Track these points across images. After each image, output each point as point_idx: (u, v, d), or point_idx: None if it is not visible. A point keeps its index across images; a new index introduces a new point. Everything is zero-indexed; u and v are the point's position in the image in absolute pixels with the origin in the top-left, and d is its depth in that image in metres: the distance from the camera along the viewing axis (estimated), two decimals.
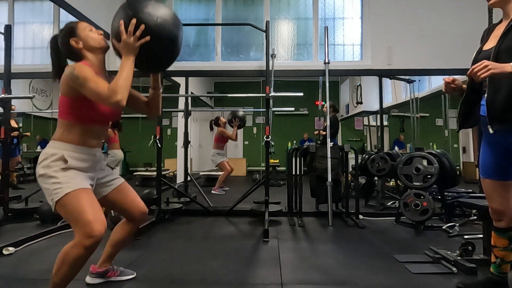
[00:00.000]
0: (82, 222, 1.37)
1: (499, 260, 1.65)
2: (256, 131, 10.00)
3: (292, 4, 4.25)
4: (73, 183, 1.42)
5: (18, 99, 4.35)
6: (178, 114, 6.36)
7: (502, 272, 1.66)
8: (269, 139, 3.36)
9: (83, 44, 1.55)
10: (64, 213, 1.43)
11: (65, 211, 1.42)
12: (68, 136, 1.49)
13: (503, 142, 1.54)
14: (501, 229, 1.63)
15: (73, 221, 1.40)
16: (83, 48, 1.55)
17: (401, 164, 3.16)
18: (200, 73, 4.64)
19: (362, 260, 2.24)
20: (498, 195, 1.60)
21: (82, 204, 1.40)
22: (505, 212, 1.59)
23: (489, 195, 1.64)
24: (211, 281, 1.89)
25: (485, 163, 1.64)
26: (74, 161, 1.47)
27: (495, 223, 1.65)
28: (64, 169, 1.44)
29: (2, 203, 3.17)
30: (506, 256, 1.63)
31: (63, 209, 1.41)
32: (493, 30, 1.63)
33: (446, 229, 2.95)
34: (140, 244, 2.57)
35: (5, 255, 2.27)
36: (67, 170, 1.44)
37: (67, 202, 1.40)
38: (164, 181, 3.66)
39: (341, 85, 9.17)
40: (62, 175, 1.43)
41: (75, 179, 1.44)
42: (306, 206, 3.60)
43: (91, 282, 1.81)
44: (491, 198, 1.63)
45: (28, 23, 4.46)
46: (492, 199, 1.63)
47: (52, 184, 1.41)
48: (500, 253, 1.64)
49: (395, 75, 5.11)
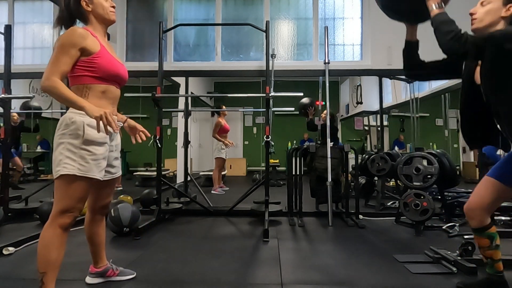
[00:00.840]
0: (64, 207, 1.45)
1: (489, 260, 1.67)
2: (256, 131, 10.00)
3: (292, 4, 4.25)
4: (85, 167, 1.46)
5: (18, 99, 4.35)
6: (178, 114, 6.36)
7: (497, 271, 1.66)
8: (269, 139, 3.35)
9: (92, 8, 1.58)
10: (59, 189, 1.47)
11: (61, 188, 1.46)
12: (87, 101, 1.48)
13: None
14: (477, 229, 1.64)
15: (59, 200, 1.46)
16: (91, 12, 1.58)
17: (401, 164, 3.16)
18: (200, 73, 4.65)
19: (362, 260, 2.24)
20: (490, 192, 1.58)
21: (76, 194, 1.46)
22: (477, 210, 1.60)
23: (480, 191, 1.62)
24: (211, 281, 1.89)
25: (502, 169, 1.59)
26: (93, 131, 1.47)
27: (470, 223, 1.66)
28: (85, 142, 1.46)
29: (2, 203, 3.17)
30: (494, 254, 1.64)
31: (61, 185, 1.46)
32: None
33: (446, 229, 2.95)
34: (140, 244, 2.57)
35: (5, 255, 2.27)
36: (87, 145, 1.47)
37: (68, 183, 1.44)
38: (164, 181, 3.65)
39: (341, 85, 9.17)
40: (80, 152, 1.46)
41: (88, 164, 1.47)
42: (306, 206, 3.60)
43: (91, 282, 1.81)
44: (479, 194, 1.61)
45: (28, 23, 4.47)
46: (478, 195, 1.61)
47: (65, 158, 1.44)
48: (488, 252, 1.65)
49: (395, 75, 5.10)
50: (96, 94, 1.53)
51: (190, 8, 4.41)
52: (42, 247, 1.45)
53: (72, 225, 1.49)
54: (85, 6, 1.56)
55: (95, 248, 1.79)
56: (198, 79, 7.95)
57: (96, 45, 1.53)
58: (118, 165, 1.73)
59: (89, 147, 1.48)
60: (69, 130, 1.46)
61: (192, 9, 4.41)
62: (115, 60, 1.61)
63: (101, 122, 1.36)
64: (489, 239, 1.62)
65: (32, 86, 5.57)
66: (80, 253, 2.28)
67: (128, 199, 3.82)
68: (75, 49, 1.46)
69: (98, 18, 1.60)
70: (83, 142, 1.46)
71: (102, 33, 1.64)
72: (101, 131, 1.43)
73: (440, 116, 6.75)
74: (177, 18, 4.27)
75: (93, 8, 1.57)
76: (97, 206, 1.73)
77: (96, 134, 1.48)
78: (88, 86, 1.52)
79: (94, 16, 1.59)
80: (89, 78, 1.52)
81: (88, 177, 1.47)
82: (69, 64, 1.46)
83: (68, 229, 1.49)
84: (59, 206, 1.46)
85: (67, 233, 1.49)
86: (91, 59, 1.50)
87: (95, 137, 1.49)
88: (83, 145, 1.46)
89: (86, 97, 1.50)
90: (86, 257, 1.90)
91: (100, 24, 1.62)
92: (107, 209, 1.79)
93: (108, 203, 1.78)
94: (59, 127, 1.48)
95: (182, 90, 4.71)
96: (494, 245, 1.63)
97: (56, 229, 1.44)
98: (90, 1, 1.57)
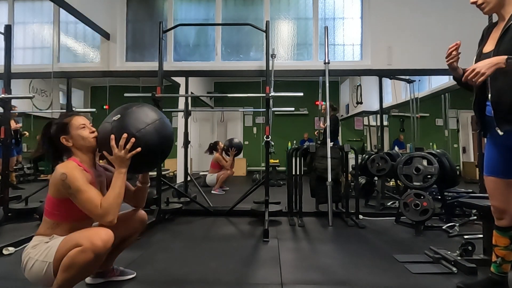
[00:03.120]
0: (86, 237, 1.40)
1: (500, 260, 1.65)
2: (256, 131, 9.99)
3: (292, 4, 4.25)
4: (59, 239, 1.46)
5: (18, 99, 4.35)
6: (178, 114, 6.35)
7: (502, 272, 1.66)
8: (269, 139, 3.35)
9: (73, 142, 1.57)
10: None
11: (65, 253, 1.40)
12: (53, 232, 1.51)
13: (509, 142, 1.54)
14: (502, 228, 1.63)
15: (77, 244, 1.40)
16: (73, 146, 1.58)
17: (401, 164, 3.16)
18: (200, 73, 4.64)
19: (362, 260, 2.24)
20: (500, 193, 1.60)
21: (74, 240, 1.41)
22: (507, 211, 1.60)
23: (491, 193, 1.64)
24: (211, 281, 1.89)
25: (490, 161, 1.64)
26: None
27: (496, 221, 1.65)
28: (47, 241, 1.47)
29: (2, 203, 3.17)
30: (507, 255, 1.64)
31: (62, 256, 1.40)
32: (492, 30, 1.63)
33: (446, 229, 2.95)
34: (140, 244, 2.57)
35: (5, 255, 2.27)
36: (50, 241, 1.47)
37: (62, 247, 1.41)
38: (164, 181, 3.66)
39: (341, 85, 9.16)
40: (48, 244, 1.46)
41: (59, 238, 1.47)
42: (306, 206, 3.60)
43: (92, 282, 1.80)
44: (493, 196, 1.64)
45: (28, 23, 4.47)
46: (494, 197, 1.63)
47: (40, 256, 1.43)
48: (501, 252, 1.64)
49: (395, 75, 5.11)
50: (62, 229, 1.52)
51: (190, 8, 4.41)
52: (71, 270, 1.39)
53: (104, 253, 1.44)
54: (65, 142, 1.57)
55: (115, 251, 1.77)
56: (198, 79, 7.95)
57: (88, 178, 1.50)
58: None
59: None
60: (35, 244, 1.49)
61: (192, 9, 4.41)
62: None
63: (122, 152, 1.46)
64: (510, 239, 1.62)
65: (32, 86, 5.56)
66: None
67: None
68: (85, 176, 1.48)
69: (81, 148, 1.58)
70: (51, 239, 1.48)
71: (90, 160, 1.62)
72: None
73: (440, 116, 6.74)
74: (177, 18, 4.27)
75: (73, 142, 1.57)
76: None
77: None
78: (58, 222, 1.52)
79: (76, 148, 1.58)
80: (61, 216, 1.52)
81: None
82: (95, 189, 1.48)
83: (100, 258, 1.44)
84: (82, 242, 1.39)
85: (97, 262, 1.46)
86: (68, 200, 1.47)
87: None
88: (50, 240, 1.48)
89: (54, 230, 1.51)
90: None
91: (87, 153, 1.60)
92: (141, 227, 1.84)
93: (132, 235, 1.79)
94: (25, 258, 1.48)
95: (182, 90, 4.71)
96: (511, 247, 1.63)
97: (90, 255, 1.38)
98: (69, 136, 1.57)
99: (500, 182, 1.60)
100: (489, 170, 1.65)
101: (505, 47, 1.47)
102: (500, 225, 1.63)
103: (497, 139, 1.58)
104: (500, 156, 1.60)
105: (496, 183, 1.61)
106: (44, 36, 4.42)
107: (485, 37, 1.66)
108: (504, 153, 1.58)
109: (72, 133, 1.57)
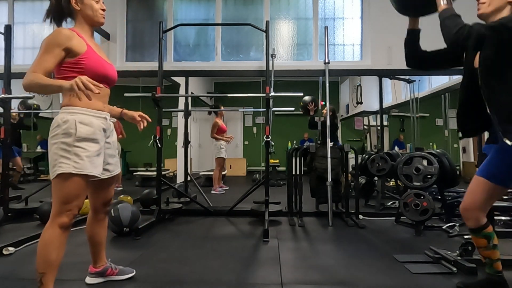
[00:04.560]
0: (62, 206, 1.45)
1: (487, 260, 1.67)
2: (256, 131, 9.99)
3: (292, 4, 4.25)
4: (80, 164, 1.46)
5: (18, 99, 4.35)
6: (178, 114, 6.36)
7: (496, 271, 1.66)
8: (269, 139, 3.35)
9: (81, 8, 1.57)
10: (56, 188, 1.47)
11: (58, 188, 1.46)
12: (76, 100, 1.48)
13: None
14: (474, 230, 1.64)
15: (57, 200, 1.46)
16: (80, 12, 1.57)
17: (401, 164, 3.16)
18: (200, 73, 4.65)
19: (362, 260, 2.24)
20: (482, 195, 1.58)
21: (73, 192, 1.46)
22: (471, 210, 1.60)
23: (472, 191, 1.62)
24: (211, 281, 1.89)
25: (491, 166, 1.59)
26: (85, 128, 1.48)
27: (466, 223, 1.66)
28: (77, 140, 1.46)
29: (2, 203, 3.17)
30: (492, 254, 1.65)
31: (58, 184, 1.46)
32: None
33: (446, 229, 2.95)
34: (140, 244, 2.57)
35: (5, 255, 2.27)
36: (79, 142, 1.47)
37: (64, 182, 1.45)
38: (164, 181, 3.65)
39: (341, 85, 9.17)
40: (74, 149, 1.46)
41: (83, 161, 1.47)
42: (306, 206, 3.60)
43: (91, 282, 1.81)
44: (471, 194, 1.62)
45: (28, 23, 4.47)
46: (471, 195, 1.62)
47: (60, 157, 1.45)
48: (485, 252, 1.66)
49: (395, 75, 5.11)
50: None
51: (190, 8, 4.41)
52: (41, 247, 1.45)
53: (71, 224, 1.50)
54: (74, 4, 1.56)
55: (95, 248, 1.79)
56: (198, 79, 7.96)
57: (83, 46, 1.52)
58: (114, 162, 1.72)
59: (82, 143, 1.48)
60: (62, 130, 1.46)
61: (192, 9, 4.41)
62: (103, 61, 1.61)
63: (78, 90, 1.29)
64: (486, 239, 1.63)
65: None
66: (80, 253, 2.28)
67: (128, 199, 3.82)
68: (59, 49, 1.46)
69: (86, 18, 1.59)
70: (75, 139, 1.46)
71: (89, 34, 1.63)
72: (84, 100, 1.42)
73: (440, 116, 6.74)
74: (177, 18, 4.27)
75: (82, 8, 1.57)
76: (99, 204, 1.73)
77: (88, 130, 1.49)
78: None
79: (82, 16, 1.59)
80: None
81: (84, 174, 1.47)
82: (52, 63, 1.45)
83: (68, 229, 1.49)
84: (58, 206, 1.46)
85: (67, 233, 1.49)
86: (77, 60, 1.50)
87: (88, 133, 1.50)
88: (76, 143, 1.46)
89: (75, 96, 1.47)
90: (86, 257, 1.90)
91: (88, 25, 1.61)
92: (108, 206, 1.79)
93: (109, 200, 1.77)
94: (52, 128, 1.49)
95: (182, 90, 4.71)
96: (492, 245, 1.63)
97: (56, 229, 1.44)
98: (81, 0, 1.56)
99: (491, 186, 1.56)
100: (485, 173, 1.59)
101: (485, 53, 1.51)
102: (470, 227, 1.65)
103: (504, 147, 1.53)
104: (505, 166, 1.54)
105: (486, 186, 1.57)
106: (44, 36, 4.42)
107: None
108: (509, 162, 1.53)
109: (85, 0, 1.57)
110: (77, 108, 1.51)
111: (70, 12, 1.58)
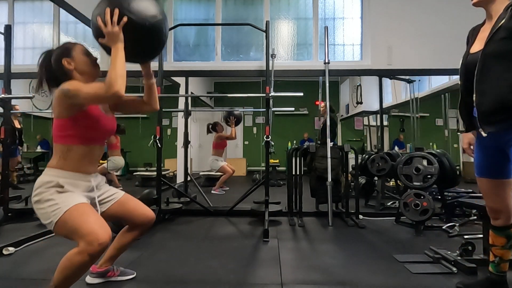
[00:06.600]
0: (85, 231, 1.34)
1: (497, 259, 1.66)
2: (256, 131, 9.99)
3: (292, 4, 4.26)
4: (70, 201, 1.41)
5: (18, 99, 4.35)
6: (178, 114, 6.35)
7: (501, 271, 1.66)
8: (269, 139, 3.35)
9: (75, 65, 1.52)
10: (65, 230, 1.39)
11: (66, 228, 1.39)
12: (65, 163, 1.47)
13: (494, 143, 1.55)
14: (498, 228, 1.63)
15: (76, 233, 1.36)
16: (74, 70, 1.53)
17: (401, 164, 3.16)
18: (200, 73, 4.65)
19: (362, 260, 2.24)
20: (494, 193, 1.60)
21: (83, 215, 1.39)
22: (502, 210, 1.60)
23: (485, 193, 1.65)
24: (211, 281, 1.89)
25: (479, 163, 1.65)
26: (70, 187, 1.45)
27: (492, 221, 1.66)
28: (60, 192, 1.43)
29: (2, 203, 3.17)
30: (505, 254, 1.64)
31: (64, 226, 1.39)
32: (478, 31, 1.63)
33: (446, 229, 2.95)
34: (140, 244, 2.57)
35: (5, 255, 2.27)
36: (63, 193, 1.43)
37: (67, 218, 1.38)
38: (164, 181, 3.66)
39: (341, 85, 9.17)
40: (58, 197, 1.41)
41: (71, 197, 1.43)
42: (306, 206, 3.60)
43: (91, 282, 1.81)
44: (487, 197, 1.64)
45: (28, 23, 4.47)
46: (488, 197, 1.64)
47: (49, 207, 1.40)
48: (499, 251, 1.65)
49: (395, 75, 5.11)
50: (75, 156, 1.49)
51: (190, 8, 4.41)
52: (65, 269, 1.36)
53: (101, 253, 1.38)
54: (66, 65, 1.51)
55: (114, 252, 1.78)
56: (198, 79, 7.95)
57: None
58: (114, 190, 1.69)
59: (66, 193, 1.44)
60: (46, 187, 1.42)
61: (192, 9, 4.41)
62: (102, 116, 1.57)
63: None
64: (506, 238, 1.62)
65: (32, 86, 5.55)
66: None
67: None
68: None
69: (83, 74, 1.54)
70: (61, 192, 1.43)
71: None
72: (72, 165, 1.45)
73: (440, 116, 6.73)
74: (177, 18, 4.27)
75: (75, 66, 1.52)
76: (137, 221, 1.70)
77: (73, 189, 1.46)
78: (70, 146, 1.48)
79: (78, 73, 1.53)
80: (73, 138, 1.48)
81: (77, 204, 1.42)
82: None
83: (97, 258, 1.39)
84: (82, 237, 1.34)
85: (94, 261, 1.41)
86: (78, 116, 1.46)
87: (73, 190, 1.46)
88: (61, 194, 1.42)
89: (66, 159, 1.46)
90: None
91: (87, 80, 1.54)
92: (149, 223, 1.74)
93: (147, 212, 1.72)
94: (36, 188, 1.44)
95: (182, 90, 4.71)
96: (509, 245, 1.62)
97: (86, 257, 1.34)
98: (71, 59, 1.52)
99: (491, 183, 1.60)
100: (480, 172, 1.65)
101: (493, 48, 1.46)
102: (496, 225, 1.64)
103: (483, 140, 1.58)
104: (488, 157, 1.60)
105: (488, 184, 1.61)
106: (44, 36, 4.42)
107: (471, 39, 1.65)
108: (491, 154, 1.58)
109: (75, 56, 1.52)
110: (64, 172, 1.46)
111: (64, 74, 1.52)
